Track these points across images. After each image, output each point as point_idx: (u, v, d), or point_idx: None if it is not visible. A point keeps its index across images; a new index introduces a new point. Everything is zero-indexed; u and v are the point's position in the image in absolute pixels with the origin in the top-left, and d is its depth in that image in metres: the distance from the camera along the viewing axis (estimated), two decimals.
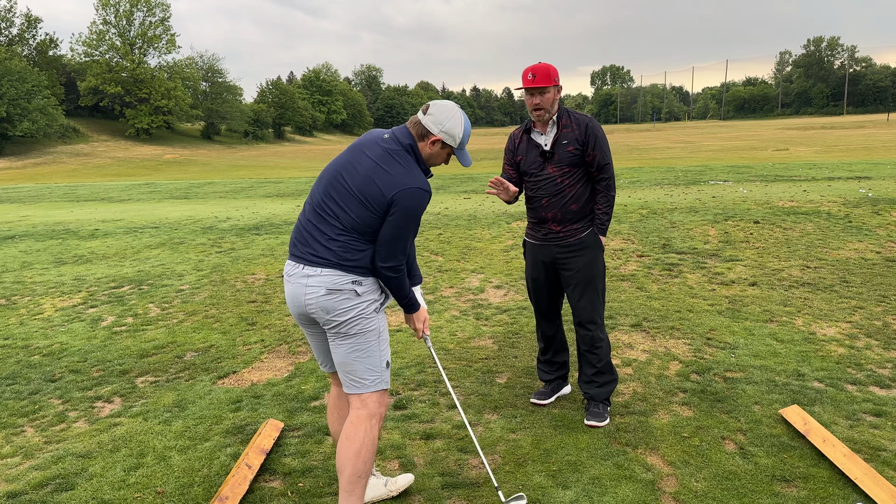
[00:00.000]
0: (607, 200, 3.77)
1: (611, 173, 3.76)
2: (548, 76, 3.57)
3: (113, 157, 48.26)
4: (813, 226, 9.14)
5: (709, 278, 6.84)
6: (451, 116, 2.80)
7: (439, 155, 2.86)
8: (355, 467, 2.68)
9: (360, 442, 2.70)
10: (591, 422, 3.70)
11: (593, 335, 3.80)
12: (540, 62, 3.65)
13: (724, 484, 3.07)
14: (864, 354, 4.62)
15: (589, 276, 3.76)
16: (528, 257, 3.99)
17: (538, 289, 3.97)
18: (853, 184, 13.99)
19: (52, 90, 52.41)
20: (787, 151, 30.17)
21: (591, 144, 3.67)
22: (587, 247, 3.76)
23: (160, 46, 63.33)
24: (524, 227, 10.39)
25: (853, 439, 3.42)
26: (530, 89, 3.59)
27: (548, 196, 3.73)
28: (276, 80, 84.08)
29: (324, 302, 2.71)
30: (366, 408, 2.78)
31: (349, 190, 2.72)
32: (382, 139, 2.80)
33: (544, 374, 4.13)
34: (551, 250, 3.81)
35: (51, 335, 5.74)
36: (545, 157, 3.71)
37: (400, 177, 2.69)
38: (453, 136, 2.82)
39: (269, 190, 20.86)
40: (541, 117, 3.67)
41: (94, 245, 10.23)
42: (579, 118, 3.74)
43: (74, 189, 24.35)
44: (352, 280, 2.72)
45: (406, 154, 2.77)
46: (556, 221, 3.75)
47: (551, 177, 3.70)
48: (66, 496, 3.17)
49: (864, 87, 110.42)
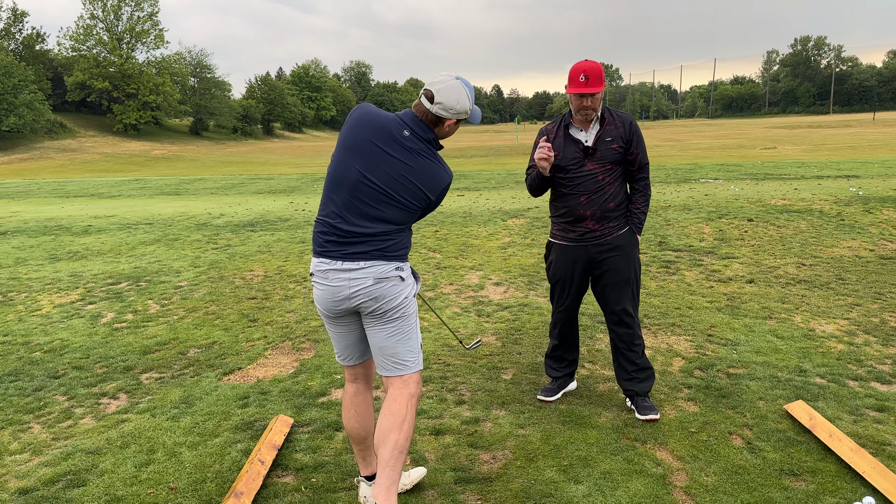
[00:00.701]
0: (645, 199, 3.78)
1: (648, 172, 3.78)
2: (599, 78, 3.52)
3: (101, 153, 47.88)
4: (806, 224, 9.23)
5: (706, 276, 6.90)
6: (458, 98, 2.79)
7: (454, 129, 2.93)
8: (398, 441, 2.72)
9: (402, 416, 2.76)
10: (649, 415, 3.69)
11: (633, 333, 3.80)
12: (588, 60, 3.55)
13: (733, 478, 3.12)
14: (864, 351, 4.68)
15: (627, 275, 3.74)
16: (557, 259, 3.88)
17: (566, 291, 3.88)
18: (843, 182, 14.13)
19: (38, 85, 51.90)
20: (776, 150, 30.38)
21: (634, 143, 3.67)
22: (625, 246, 3.73)
23: (148, 41, 62.92)
24: (520, 225, 10.50)
25: (858, 434, 3.47)
26: (583, 92, 3.52)
27: (587, 193, 3.66)
28: (264, 76, 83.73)
29: (373, 291, 2.75)
30: (407, 388, 2.85)
31: (380, 190, 2.74)
32: (403, 137, 2.77)
33: (553, 371, 4.10)
34: (588, 250, 3.74)
35: (51, 332, 5.71)
36: (587, 153, 3.65)
37: (439, 177, 2.82)
38: (466, 112, 2.85)
39: (260, 187, 20.79)
40: (589, 117, 3.64)
41: (88, 241, 10.17)
42: (622, 116, 3.72)
43: (63, 185, 24.16)
44: (395, 267, 2.79)
45: (431, 148, 2.84)
46: (594, 220, 3.68)
47: (592, 173, 3.65)
48: (78, 492, 3.16)
49: (850, 86, 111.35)
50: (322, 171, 28.32)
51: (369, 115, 2.84)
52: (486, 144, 47.78)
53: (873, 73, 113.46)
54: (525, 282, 6.89)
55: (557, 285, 3.92)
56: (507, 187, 16.96)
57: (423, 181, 2.77)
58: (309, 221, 11.40)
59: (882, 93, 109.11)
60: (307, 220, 11.61)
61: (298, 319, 5.84)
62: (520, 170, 23.52)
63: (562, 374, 4.08)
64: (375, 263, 2.75)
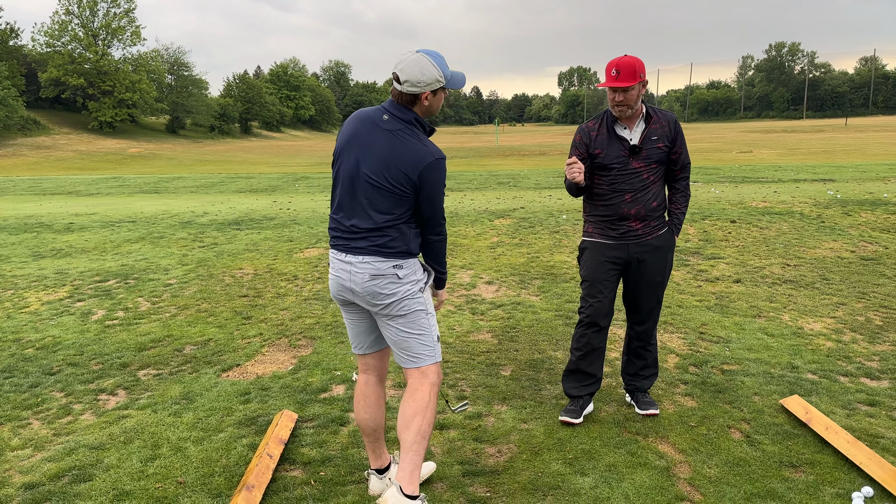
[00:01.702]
0: (686, 200, 3.78)
1: (689, 172, 3.78)
2: (632, 73, 3.43)
3: (75, 151, 47.21)
4: (788, 225, 9.41)
5: (694, 275, 7.01)
6: (421, 69, 2.73)
7: (438, 101, 2.85)
8: (421, 426, 2.78)
9: (424, 402, 2.83)
10: (650, 410, 3.75)
11: (651, 333, 3.84)
12: (626, 55, 3.50)
13: (735, 470, 3.19)
14: (852, 348, 4.80)
15: (663, 276, 3.74)
16: (593, 259, 3.72)
17: (600, 292, 3.69)
18: (819, 185, 14.41)
19: (12, 81, 51.05)
20: (752, 154, 30.84)
21: (678, 142, 3.65)
22: (666, 246, 3.71)
23: (125, 38, 62.22)
24: (507, 225, 10.55)
25: (852, 427, 3.57)
26: (614, 87, 3.47)
27: (633, 191, 3.59)
28: (242, 75, 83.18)
29: (369, 287, 2.81)
30: (427, 378, 2.90)
31: (370, 180, 2.76)
32: (382, 121, 2.80)
33: (573, 389, 3.79)
34: (629, 249, 3.66)
35: (41, 329, 5.66)
36: (633, 151, 3.57)
37: (419, 154, 2.74)
38: (438, 80, 2.77)
39: (241, 185, 20.67)
40: (623, 113, 3.55)
41: (71, 239, 10.06)
42: (667, 115, 3.68)
43: (39, 182, 23.81)
44: (393, 265, 2.80)
45: (412, 127, 2.80)
46: (638, 218, 3.62)
47: (637, 172, 3.58)
48: (85, 487, 3.15)
49: (823, 92, 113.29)
50: (302, 170, 28.22)
51: (357, 113, 2.94)
52: (467, 146, 47.92)
53: (845, 79, 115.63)
54: (516, 281, 6.95)
55: (593, 286, 3.70)
56: (490, 188, 17.05)
57: (403, 161, 2.73)
58: (295, 220, 11.38)
59: (854, 98, 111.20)
60: (293, 218, 11.58)
61: (293, 317, 5.84)
62: (501, 171, 23.64)
63: (584, 392, 3.79)
64: (373, 259, 2.79)
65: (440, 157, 2.80)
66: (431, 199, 2.82)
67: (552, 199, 13.28)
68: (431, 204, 2.82)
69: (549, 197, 13.85)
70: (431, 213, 2.84)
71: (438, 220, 2.87)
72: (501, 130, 71.41)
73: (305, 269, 7.69)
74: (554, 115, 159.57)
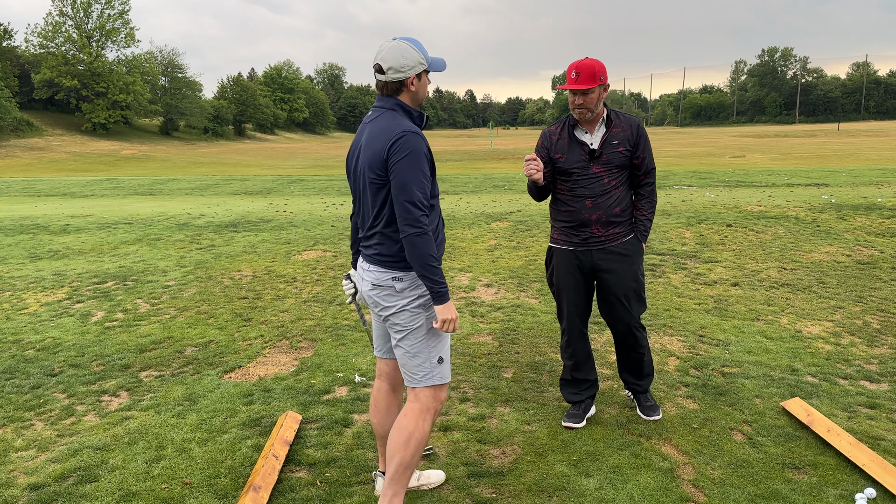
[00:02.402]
0: (651, 205, 3.67)
1: (654, 178, 3.68)
2: (592, 76, 3.39)
3: (69, 152, 47.03)
4: (783, 229, 9.47)
5: (691, 278, 7.05)
6: (402, 53, 2.65)
7: (423, 84, 2.76)
8: (403, 458, 2.71)
9: (408, 433, 2.73)
10: (652, 416, 3.73)
11: (637, 337, 3.73)
12: (586, 58, 3.46)
13: (738, 471, 3.22)
14: (850, 351, 4.84)
15: (634, 283, 3.64)
16: (559, 266, 3.71)
17: (572, 299, 3.70)
18: (813, 190, 14.50)
19: (5, 82, 50.84)
20: (745, 158, 30.99)
21: (641, 146, 3.57)
22: (631, 253, 3.62)
23: (119, 40, 62.04)
24: (504, 228, 10.58)
25: (853, 430, 3.60)
26: (575, 89, 3.42)
27: (593, 196, 3.54)
28: (237, 77, 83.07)
29: (371, 296, 2.81)
30: (419, 401, 2.79)
31: (364, 180, 2.70)
32: (369, 116, 2.77)
33: (573, 395, 3.82)
34: (592, 256, 3.60)
35: (41, 330, 5.64)
36: (592, 156, 3.53)
37: (388, 130, 2.61)
38: (421, 63, 2.68)
39: (236, 188, 20.63)
40: (583, 116, 3.52)
41: (67, 240, 10.03)
42: (629, 119, 3.62)
43: (33, 184, 23.71)
44: (391, 276, 2.72)
45: (392, 111, 2.69)
46: (599, 224, 3.55)
47: (598, 177, 3.53)
48: (90, 488, 3.15)
49: (816, 97, 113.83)
50: (297, 172, 28.19)
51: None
52: (461, 149, 47.97)
53: (837, 84, 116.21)
54: (515, 283, 6.97)
55: (562, 294, 3.73)
56: (485, 191, 17.07)
57: (378, 143, 2.61)
58: (292, 223, 11.37)
59: (846, 104, 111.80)
60: (290, 221, 11.58)
61: (293, 319, 5.84)
62: (496, 174, 23.67)
63: (583, 397, 3.80)
64: (376, 269, 2.76)
65: (409, 131, 2.58)
66: (399, 179, 2.55)
67: (548, 203, 13.29)
68: (401, 186, 2.54)
69: (546, 201, 13.87)
70: (403, 197, 2.55)
71: (411, 208, 2.55)
72: (496, 134, 71.59)
73: (304, 271, 7.70)
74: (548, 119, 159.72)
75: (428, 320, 2.75)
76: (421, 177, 2.57)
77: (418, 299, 2.74)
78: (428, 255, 2.58)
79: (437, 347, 2.79)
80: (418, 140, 2.58)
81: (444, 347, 2.82)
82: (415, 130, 2.60)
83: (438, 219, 2.82)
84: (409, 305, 2.73)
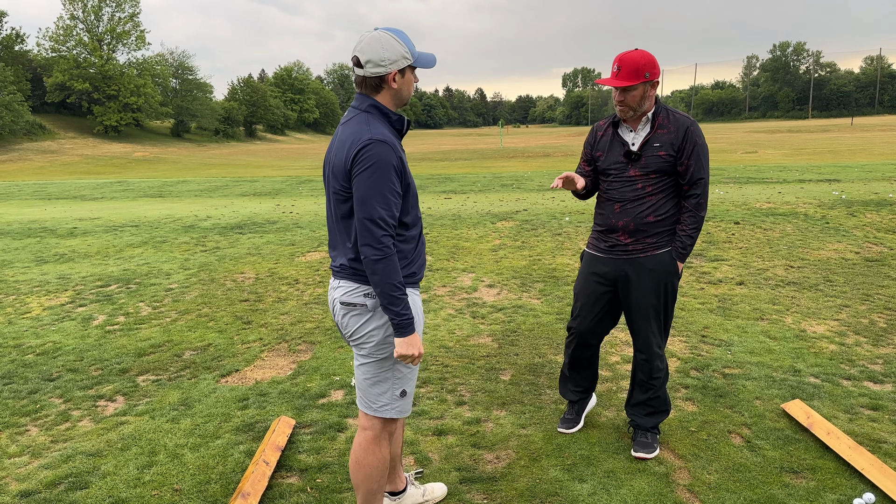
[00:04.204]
0: (695, 221, 3.22)
1: (704, 190, 3.22)
2: (634, 72, 3.07)
3: (81, 155, 47.37)
4: (792, 227, 9.36)
5: (696, 277, 6.97)
6: (382, 45, 2.37)
7: (408, 82, 2.47)
8: (368, 488, 2.64)
9: (370, 467, 2.60)
10: (639, 453, 3.33)
11: (652, 366, 3.38)
12: (636, 49, 3.14)
13: (735, 476, 3.16)
14: (855, 351, 4.76)
15: (657, 302, 3.29)
16: (583, 272, 3.48)
17: (587, 307, 3.44)
18: (824, 186, 14.34)
19: (17, 86, 51.24)
20: (757, 154, 30.74)
21: (686, 152, 3.15)
22: (661, 268, 3.25)
23: (129, 42, 62.43)
24: (509, 227, 10.52)
25: (854, 432, 3.53)
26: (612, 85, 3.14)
27: (622, 202, 3.24)
28: (247, 78, 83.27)
29: (339, 316, 2.53)
30: (372, 429, 2.61)
31: (332, 188, 2.46)
32: (343, 120, 2.50)
33: (569, 393, 3.68)
34: (617, 265, 3.31)
35: (42, 334, 5.66)
36: (630, 157, 3.22)
37: (354, 136, 2.34)
38: (405, 57, 2.41)
39: (244, 189, 20.68)
40: (624, 114, 3.21)
41: (74, 243, 10.07)
42: (680, 119, 3.20)
43: (44, 187, 23.88)
44: (364, 293, 2.44)
45: (366, 114, 2.42)
46: (626, 232, 3.25)
47: (632, 180, 3.22)
48: (80, 494, 3.14)
49: (829, 91, 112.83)
50: (306, 173, 28.23)
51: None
52: (470, 148, 47.89)
53: (851, 78, 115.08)
54: (518, 284, 6.92)
55: (578, 298, 3.50)
56: (493, 190, 17.01)
57: (344, 151, 2.36)
58: (297, 224, 11.37)
59: (860, 98, 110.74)
60: (295, 222, 11.58)
61: (293, 321, 5.82)
62: (505, 173, 23.60)
63: (578, 397, 3.67)
64: (346, 284, 2.48)
65: (377, 139, 2.30)
66: (360, 193, 2.29)
67: (555, 202, 13.24)
68: (361, 201, 2.29)
69: (553, 199, 13.82)
70: (362, 213, 2.29)
71: (371, 227, 2.28)
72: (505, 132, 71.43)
73: (307, 272, 7.68)
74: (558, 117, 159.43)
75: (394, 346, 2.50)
76: (386, 192, 2.30)
77: (389, 326, 2.46)
78: (388, 283, 2.31)
79: (402, 379, 2.57)
80: (387, 150, 2.30)
81: (409, 380, 2.59)
82: (384, 139, 2.32)
83: (417, 242, 2.56)
84: (378, 332, 2.46)
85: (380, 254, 2.30)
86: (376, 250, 2.30)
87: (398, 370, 2.55)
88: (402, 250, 2.48)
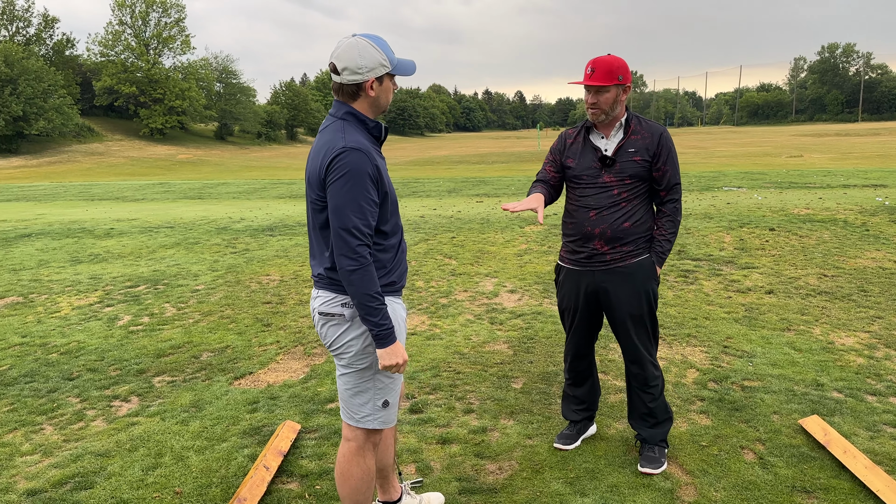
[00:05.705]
0: (673, 226, 3.26)
1: (680, 194, 3.28)
2: (608, 73, 3.09)
3: (127, 157, 48.58)
4: (829, 234, 9.08)
5: (725, 285, 6.80)
6: (360, 52, 2.33)
7: (387, 90, 2.44)
8: (355, 500, 2.61)
9: (356, 479, 2.58)
10: (646, 468, 3.25)
11: (646, 374, 3.34)
12: (608, 54, 3.16)
13: (743, 494, 3.05)
14: (884, 365, 4.58)
15: (639, 310, 3.26)
16: (564, 286, 3.42)
17: (574, 323, 3.44)
18: (869, 192, 13.90)
19: (67, 90, 52.81)
20: (802, 158, 29.99)
21: (662, 158, 3.19)
22: (639, 275, 3.23)
23: (175, 47, 63.84)
24: (537, 232, 10.42)
25: (874, 451, 3.39)
26: (588, 85, 3.14)
27: (598, 208, 3.20)
28: (289, 82, 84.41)
29: (319, 326, 2.51)
30: (356, 440, 2.58)
31: (308, 197, 2.44)
32: (321, 127, 2.46)
33: (571, 413, 3.63)
34: (595, 277, 3.27)
35: (68, 333, 5.78)
36: (604, 163, 3.21)
37: (330, 144, 2.32)
38: (382, 64, 2.37)
39: (281, 191, 20.94)
40: (596, 117, 3.20)
41: (109, 244, 10.30)
42: (653, 126, 3.25)
43: (89, 188, 24.53)
44: (342, 302, 2.40)
45: (342, 122, 2.39)
46: (603, 239, 3.21)
47: (607, 186, 3.20)
48: (84, 494, 3.18)
49: (880, 94, 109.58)
50: None
51: None
52: (508, 150, 47.76)
53: None
54: (540, 289, 6.84)
55: (566, 314, 3.47)
56: (526, 194, 16.90)
57: (318, 160, 2.34)
58: None
59: None
60: None
61: (311, 324, 5.85)
62: None
63: (580, 417, 3.61)
64: (325, 293, 2.45)
65: (352, 147, 2.26)
66: (334, 202, 2.26)
67: None
68: (335, 210, 2.26)
69: None
70: (336, 223, 2.27)
71: (346, 237, 2.26)
72: (544, 135, 71.02)
73: None
74: None
75: (376, 360, 2.47)
76: (361, 201, 2.26)
77: (365, 338, 2.44)
78: (365, 293, 2.28)
79: (384, 390, 2.53)
80: (361, 158, 2.27)
81: (392, 390, 2.56)
82: (359, 146, 2.28)
83: (397, 250, 2.52)
84: (357, 343, 2.43)
85: (355, 264, 2.27)
86: (351, 260, 2.27)
87: (379, 380, 2.52)
88: (381, 259, 2.45)
